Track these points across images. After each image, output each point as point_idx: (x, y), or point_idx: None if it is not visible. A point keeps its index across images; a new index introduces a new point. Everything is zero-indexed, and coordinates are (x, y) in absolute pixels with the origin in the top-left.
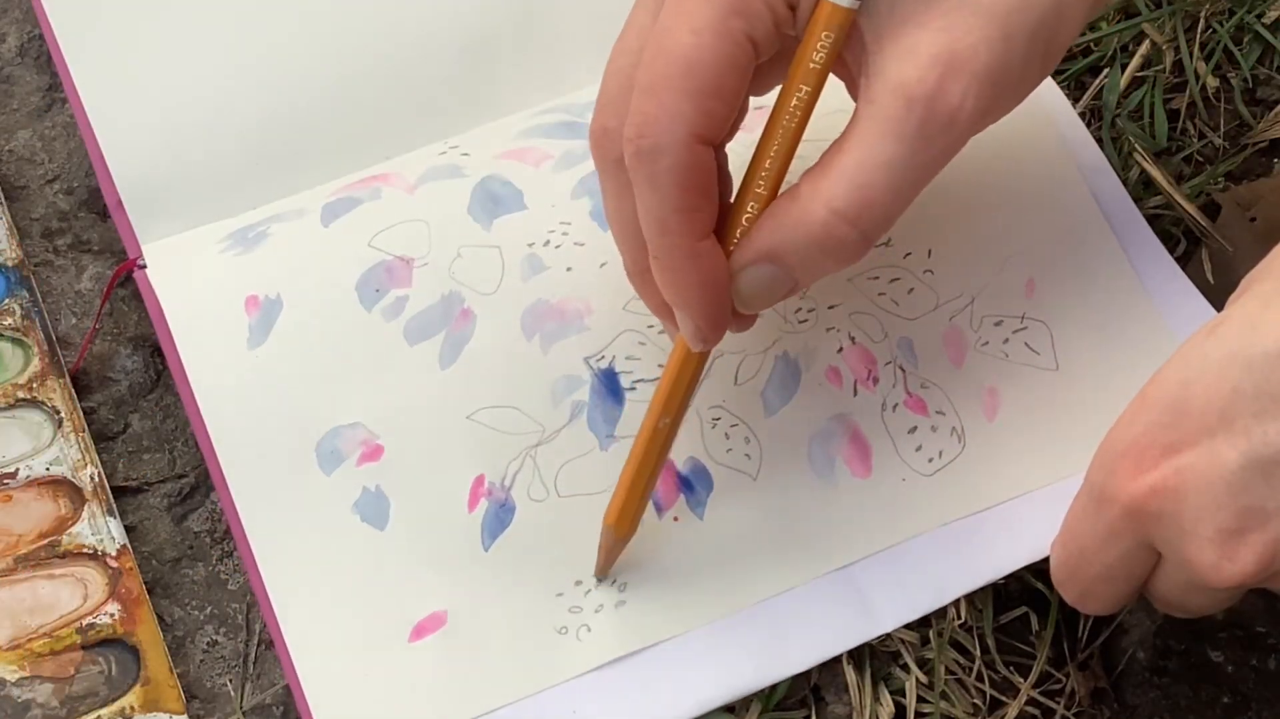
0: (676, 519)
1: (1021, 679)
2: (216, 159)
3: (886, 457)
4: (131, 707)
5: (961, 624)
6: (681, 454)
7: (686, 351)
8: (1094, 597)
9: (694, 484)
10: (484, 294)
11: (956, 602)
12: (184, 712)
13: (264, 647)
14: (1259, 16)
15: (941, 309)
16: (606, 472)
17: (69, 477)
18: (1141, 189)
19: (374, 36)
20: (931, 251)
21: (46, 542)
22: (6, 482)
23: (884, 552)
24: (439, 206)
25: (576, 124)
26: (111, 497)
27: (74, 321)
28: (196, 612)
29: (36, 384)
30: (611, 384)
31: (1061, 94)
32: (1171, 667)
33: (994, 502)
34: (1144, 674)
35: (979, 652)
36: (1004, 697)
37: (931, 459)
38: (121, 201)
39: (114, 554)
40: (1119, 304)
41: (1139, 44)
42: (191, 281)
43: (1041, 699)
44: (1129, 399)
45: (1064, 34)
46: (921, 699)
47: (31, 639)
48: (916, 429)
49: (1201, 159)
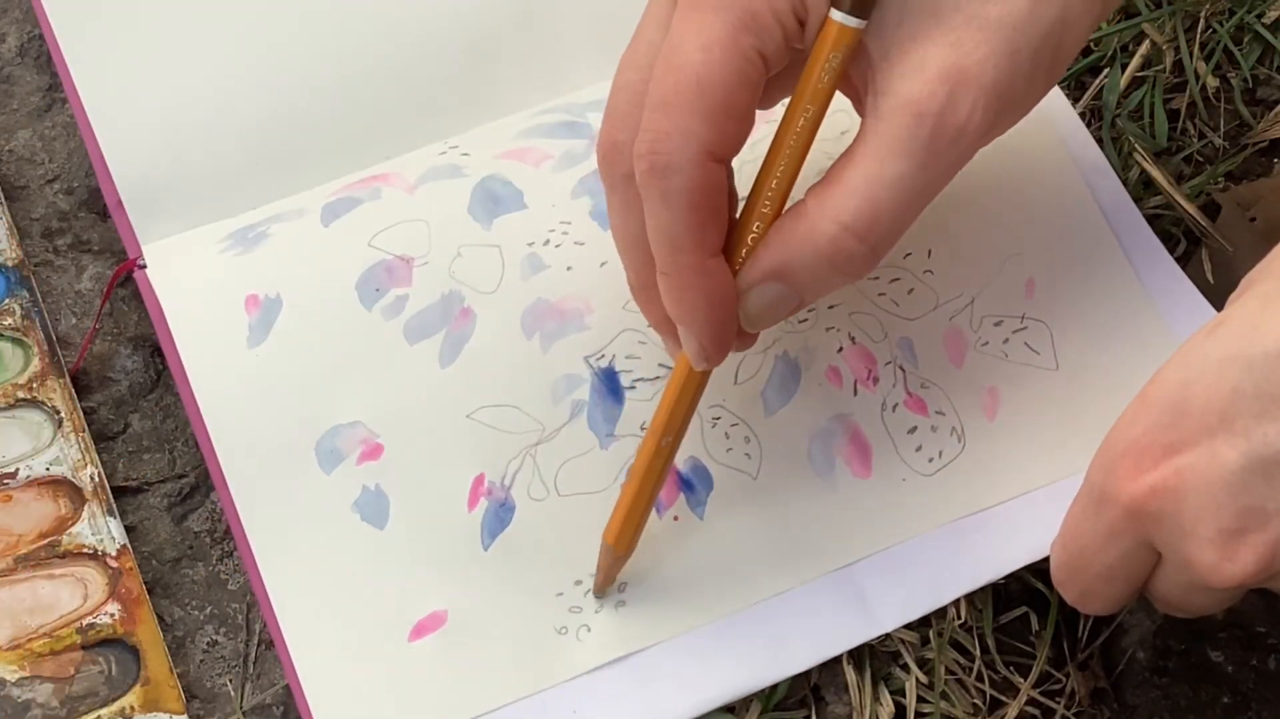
0: (676, 519)
1: (1021, 679)
2: (216, 159)
3: (886, 456)
4: (131, 707)
5: (961, 624)
6: (682, 454)
7: (688, 371)
8: (1094, 597)
9: (694, 484)
10: (484, 293)
11: (956, 602)
12: (184, 712)
13: (264, 647)
14: (1259, 16)
15: (941, 309)
16: (607, 470)
17: (69, 477)
18: (1141, 189)
19: (374, 36)
20: (931, 252)
21: (46, 542)
22: (6, 482)
23: (884, 552)
24: (439, 206)
25: (577, 124)
26: (111, 497)
27: (74, 321)
28: (196, 612)
29: (36, 384)
30: (611, 383)
31: (1061, 94)
32: (1171, 667)
33: (994, 501)
34: (1144, 674)
35: (979, 652)
36: (1004, 697)
37: (931, 459)
38: (121, 201)
39: (114, 554)
40: (1119, 304)
41: (1139, 44)
42: (191, 281)
43: (1041, 699)
44: (1129, 399)
45: (1069, 47)
46: (921, 699)
47: (31, 639)
48: (916, 429)
49: (1201, 159)
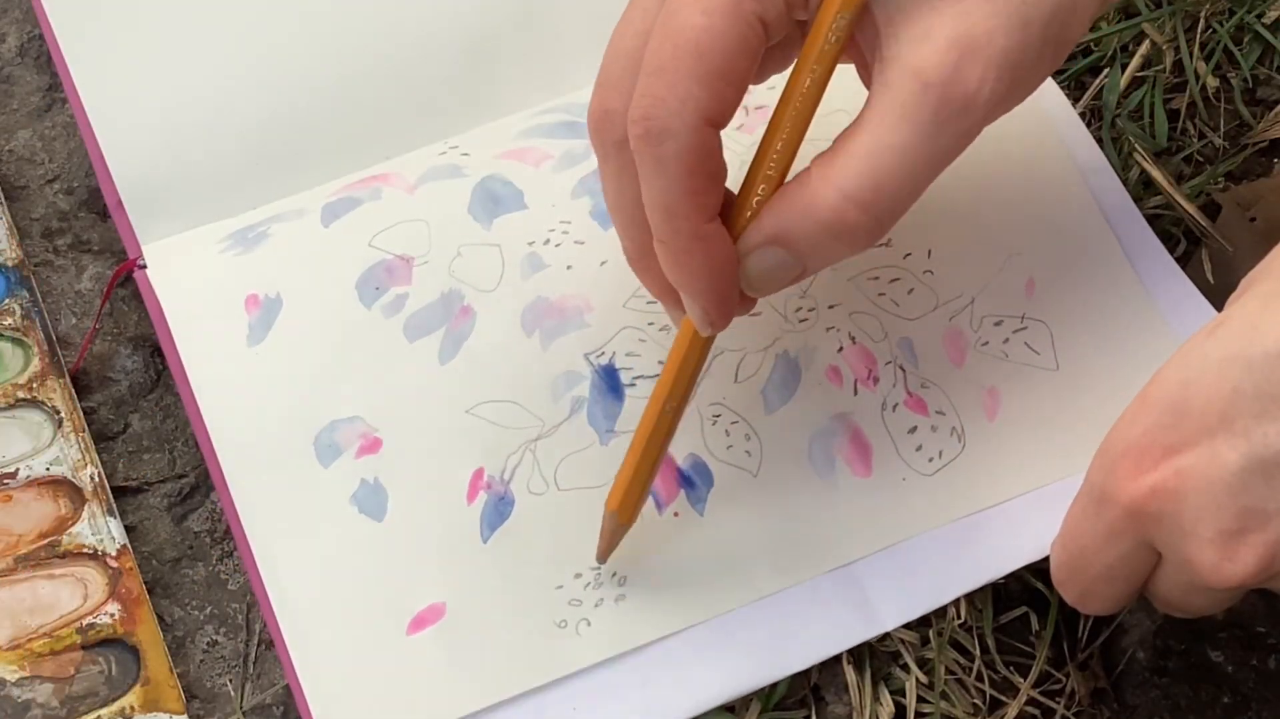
0: (676, 515)
1: (1021, 679)
2: (216, 159)
3: (887, 456)
4: (131, 707)
5: (961, 624)
6: (682, 450)
7: (692, 336)
8: (1094, 597)
9: (694, 480)
10: (484, 291)
11: (956, 602)
12: (184, 712)
13: (264, 647)
14: (1259, 16)
15: (941, 309)
16: (606, 466)
17: (69, 477)
18: (1141, 189)
19: (374, 36)
20: (931, 252)
21: (46, 542)
22: (6, 482)
23: (884, 551)
24: (439, 206)
25: (577, 124)
26: (111, 497)
27: (74, 321)
28: (196, 612)
29: (36, 384)
30: (611, 380)
31: (1061, 94)
32: (1171, 667)
33: (994, 501)
34: (1144, 674)
35: (979, 652)
36: (1004, 697)
37: (932, 459)
38: (121, 201)
39: (114, 554)
40: (1119, 304)
41: (1139, 44)
42: (191, 281)
43: (1041, 699)
44: (1129, 399)
45: (1076, 24)
46: (921, 699)
47: (31, 639)
48: (917, 429)
49: (1201, 159)
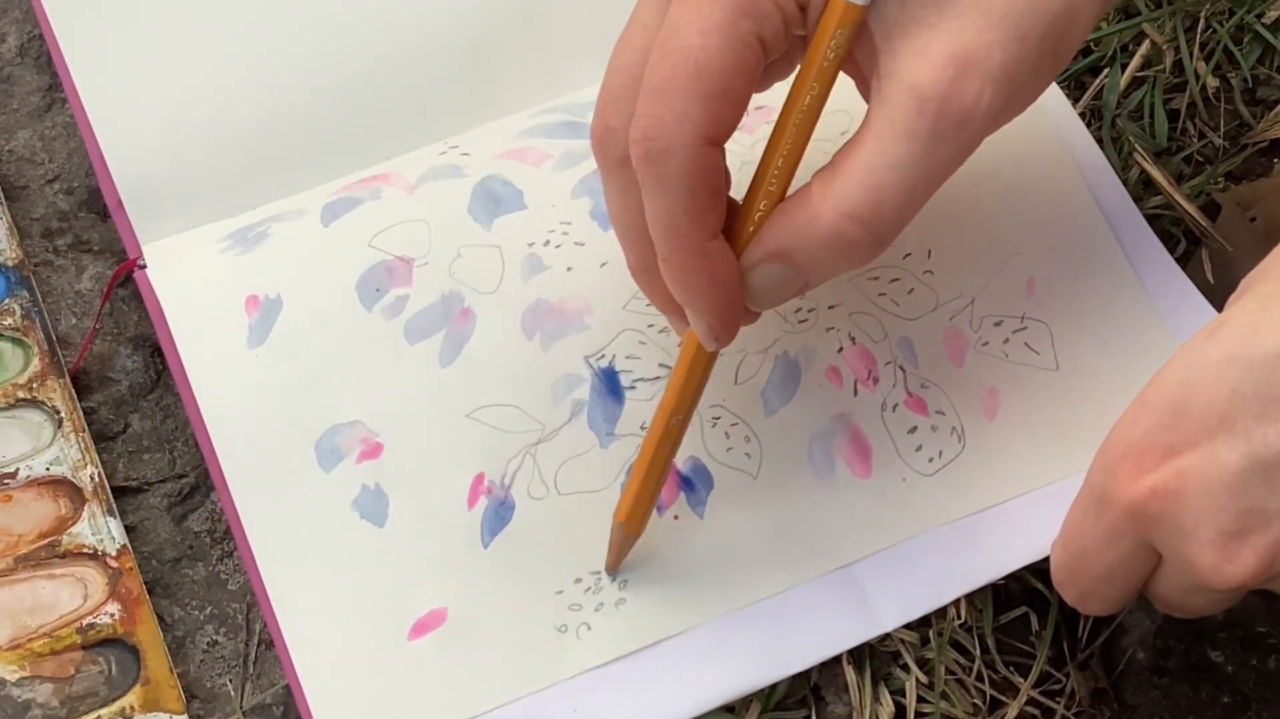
0: (677, 518)
1: (1021, 679)
2: (216, 159)
3: (887, 456)
4: (131, 707)
5: (961, 624)
6: (682, 453)
7: (697, 349)
8: (1095, 597)
9: (694, 483)
10: (484, 293)
11: (956, 602)
12: (184, 712)
13: (264, 647)
14: (1259, 16)
15: (941, 309)
16: (606, 470)
17: (69, 477)
18: (1141, 189)
19: (374, 36)
20: (931, 252)
21: (46, 542)
22: (6, 482)
23: (884, 551)
24: (439, 206)
25: (577, 124)
26: (111, 497)
27: (74, 321)
28: (196, 612)
29: (36, 384)
30: (611, 383)
31: (1061, 94)
32: (1171, 667)
33: (994, 501)
34: (1144, 674)
35: (979, 652)
36: (1004, 697)
37: (932, 459)
38: (121, 201)
39: (114, 554)
40: (1119, 304)
41: (1139, 44)
42: (191, 281)
43: (1041, 699)
44: (1129, 399)
45: (1075, 34)
46: (921, 699)
47: (31, 639)
48: (916, 429)
49: (1201, 159)
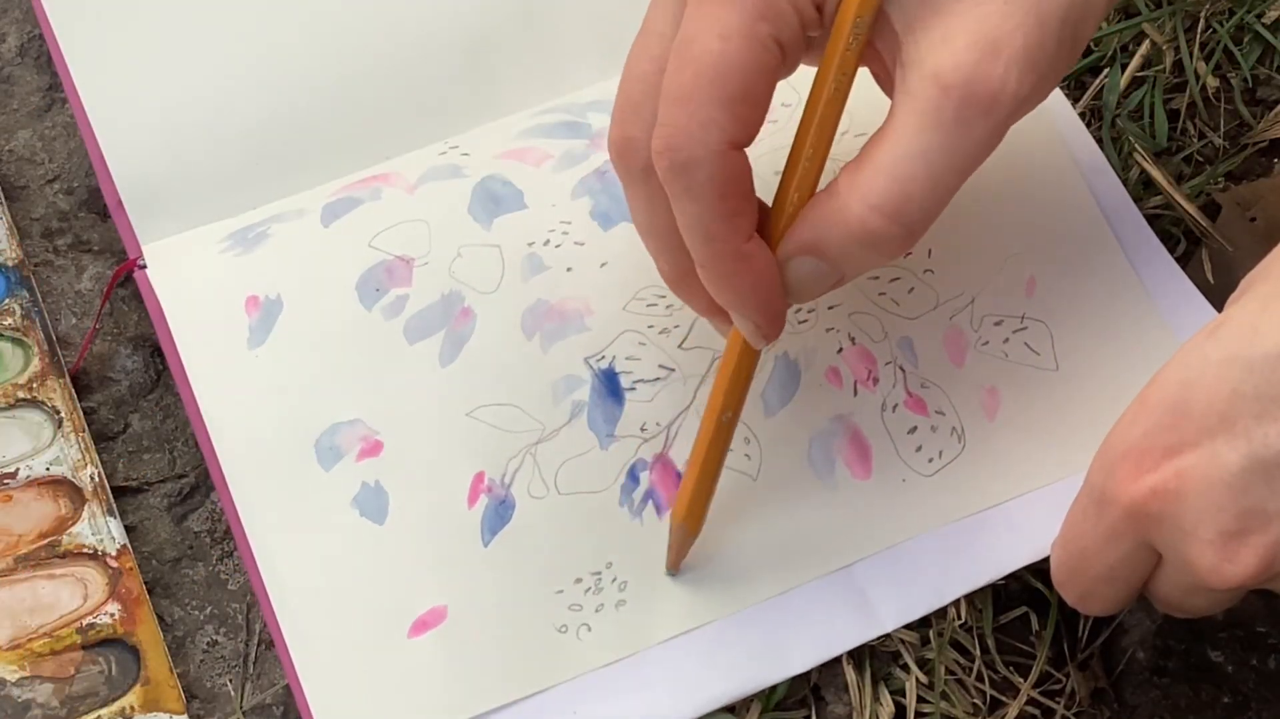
0: None
1: (1021, 679)
2: (216, 159)
3: (886, 457)
4: (131, 707)
5: (961, 624)
6: (681, 455)
7: (744, 346)
8: (1095, 597)
9: None
10: (484, 293)
11: (956, 602)
12: (184, 712)
13: (264, 647)
14: (1259, 16)
15: (941, 309)
16: (606, 470)
17: (69, 477)
18: (1141, 189)
19: (374, 36)
20: (931, 251)
21: (46, 542)
22: (6, 482)
23: (884, 552)
24: (439, 206)
25: (577, 124)
26: (111, 497)
27: (74, 321)
28: (196, 612)
29: (36, 384)
30: (611, 384)
31: (1061, 94)
32: (1171, 667)
33: (994, 502)
34: (1144, 674)
35: (979, 652)
36: (1004, 697)
37: (931, 459)
38: (121, 201)
39: (114, 554)
40: (1119, 304)
41: (1139, 44)
42: (191, 281)
43: (1041, 699)
44: (1129, 399)
45: (1090, 20)
46: (921, 699)
47: (31, 639)
48: (916, 429)
49: (1201, 159)
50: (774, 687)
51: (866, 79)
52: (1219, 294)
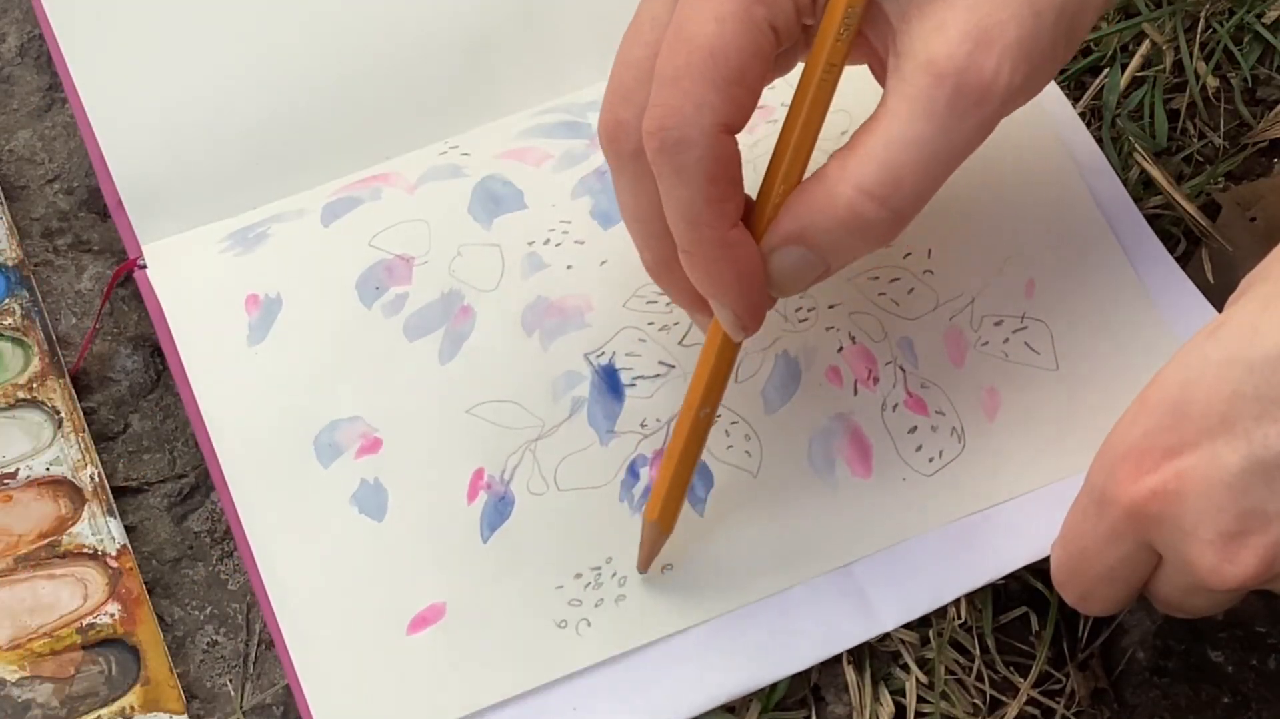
0: None
1: (1021, 679)
2: (216, 159)
3: (887, 456)
4: (131, 707)
5: (961, 624)
6: None
7: (723, 340)
8: (1095, 598)
9: (694, 481)
10: (484, 291)
11: (956, 602)
12: (184, 712)
13: (264, 647)
14: (1259, 16)
15: (941, 309)
16: (606, 466)
17: (69, 477)
18: (1141, 189)
19: (374, 36)
20: (931, 251)
21: (46, 542)
22: (6, 482)
23: (884, 551)
24: (439, 206)
25: (577, 124)
26: (111, 497)
27: (74, 321)
28: (196, 612)
29: (36, 384)
30: (611, 380)
31: (1061, 94)
32: (1171, 667)
33: (994, 501)
34: (1144, 674)
35: (979, 652)
36: (1004, 697)
37: (932, 459)
38: (121, 201)
39: (114, 554)
40: (1119, 304)
41: (1139, 44)
42: (191, 281)
43: (1041, 699)
44: (1129, 399)
45: (1087, 14)
46: (921, 699)
47: (31, 639)
48: (916, 429)
49: (1201, 159)
50: (774, 686)
51: (865, 77)
52: (1219, 294)
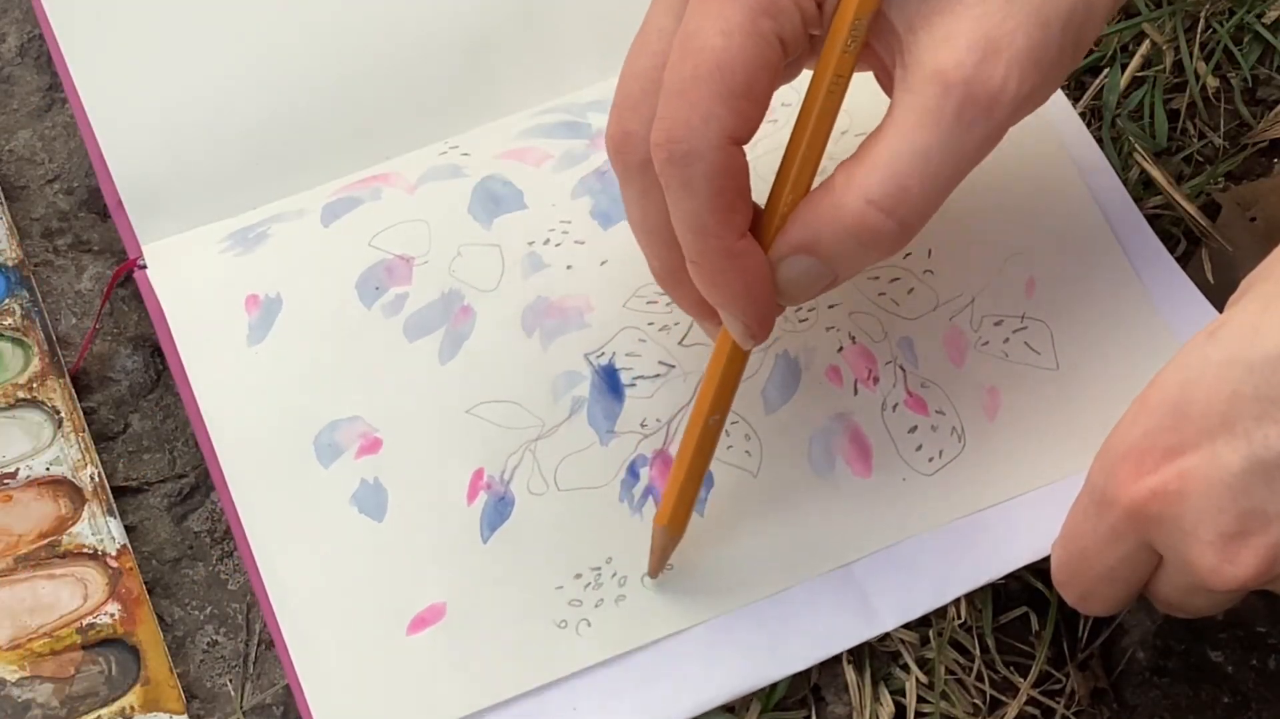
0: None
1: (1021, 679)
2: (216, 159)
3: (887, 456)
4: (131, 707)
5: (961, 624)
6: None
7: (732, 349)
8: (1095, 598)
9: None
10: (484, 291)
11: (956, 602)
12: (184, 712)
13: (264, 647)
14: (1259, 16)
15: (941, 309)
16: (606, 466)
17: (69, 477)
18: (1141, 189)
19: (374, 36)
20: (931, 251)
21: (46, 542)
22: (6, 482)
23: (884, 551)
24: (439, 206)
25: (577, 124)
26: (111, 497)
27: (74, 321)
28: (196, 612)
29: (36, 384)
30: (611, 380)
31: (1061, 94)
32: (1171, 667)
33: (994, 501)
34: (1144, 674)
35: (979, 652)
36: (1004, 697)
37: (932, 459)
38: (121, 201)
39: (114, 554)
40: (1119, 304)
41: (1139, 44)
42: (191, 281)
43: (1041, 699)
44: (1129, 399)
45: (1093, 23)
46: (921, 699)
47: (31, 639)
48: (917, 428)
49: (1201, 159)
50: (774, 686)
51: (869, 80)
52: (1219, 294)
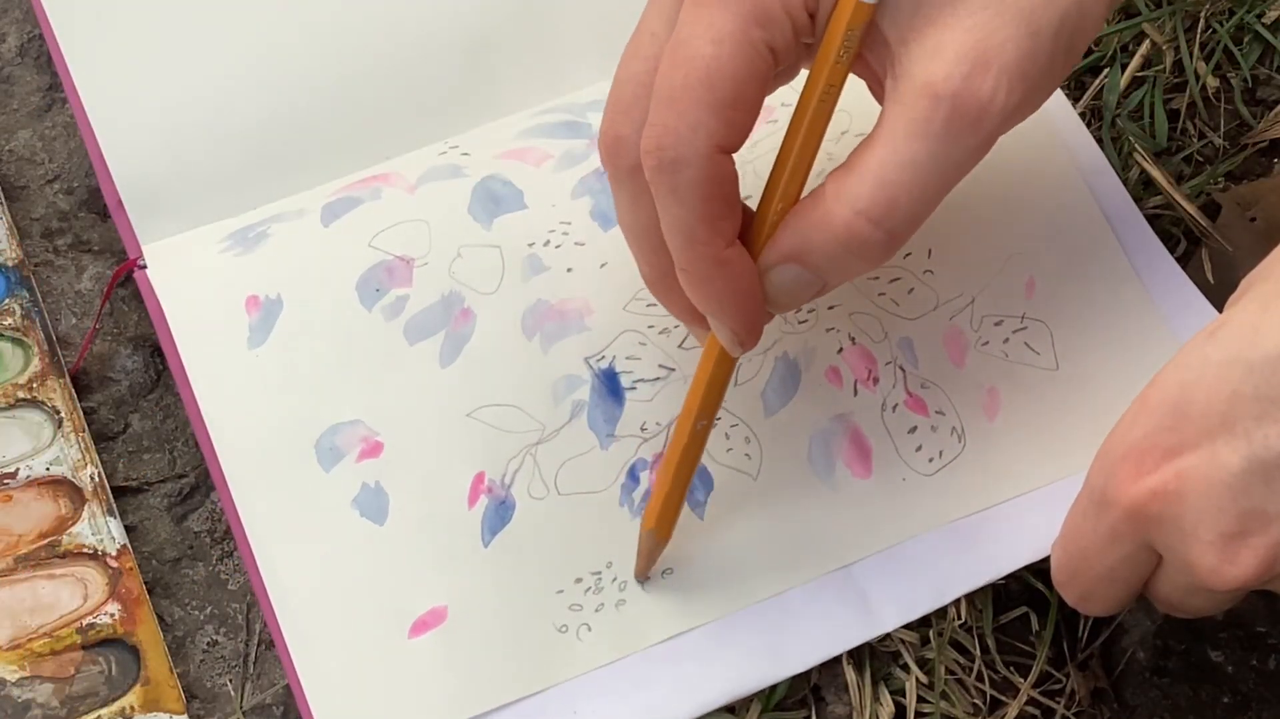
0: None
1: (1021, 679)
2: (216, 159)
3: (887, 456)
4: (131, 707)
5: (961, 624)
6: None
7: (720, 354)
8: (1095, 598)
9: (694, 484)
10: (484, 294)
11: (956, 602)
12: (184, 712)
13: (264, 647)
14: (1259, 16)
15: (941, 309)
16: (607, 470)
17: (69, 477)
18: (1141, 189)
19: (374, 36)
20: (931, 251)
21: (46, 542)
22: (6, 482)
23: (884, 551)
24: (439, 206)
25: (577, 124)
26: (111, 497)
27: (74, 321)
28: (196, 612)
29: (36, 384)
30: (612, 384)
31: (1061, 94)
32: (1171, 667)
33: (994, 502)
34: (1144, 674)
35: (979, 652)
36: (1004, 697)
37: (932, 459)
38: (121, 201)
39: (114, 554)
40: (1119, 304)
41: (1139, 44)
42: (191, 281)
43: (1041, 699)
44: (1129, 399)
45: (1085, 31)
46: (921, 699)
47: (31, 639)
48: (917, 429)
49: (1201, 159)
50: (774, 686)
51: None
52: (1219, 294)
